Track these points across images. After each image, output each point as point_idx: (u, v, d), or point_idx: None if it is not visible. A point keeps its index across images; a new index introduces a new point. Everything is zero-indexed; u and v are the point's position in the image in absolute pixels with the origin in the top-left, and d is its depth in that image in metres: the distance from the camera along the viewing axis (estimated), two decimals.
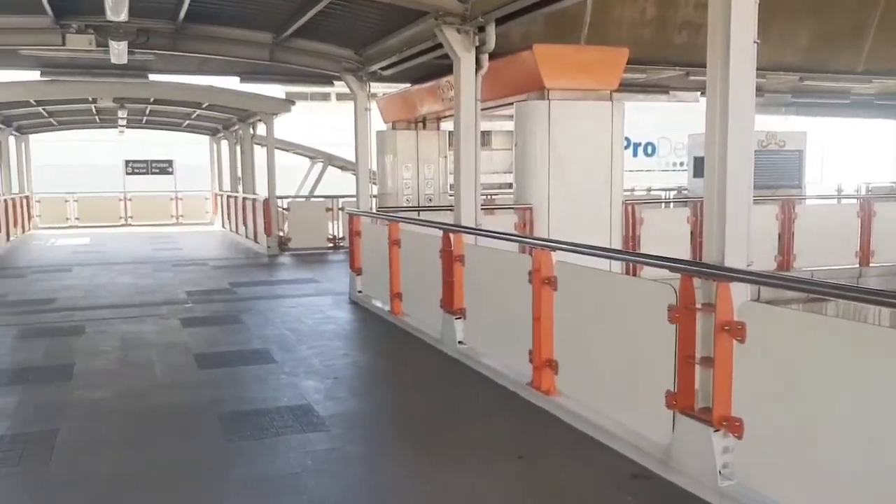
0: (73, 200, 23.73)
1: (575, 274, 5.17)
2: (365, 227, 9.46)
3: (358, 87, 9.61)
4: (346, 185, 27.03)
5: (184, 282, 11.45)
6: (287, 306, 9.37)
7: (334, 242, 16.09)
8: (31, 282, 11.60)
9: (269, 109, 15.33)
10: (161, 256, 15.01)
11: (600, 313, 4.92)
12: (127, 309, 9.24)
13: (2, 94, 14.01)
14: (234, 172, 20.54)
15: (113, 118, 19.67)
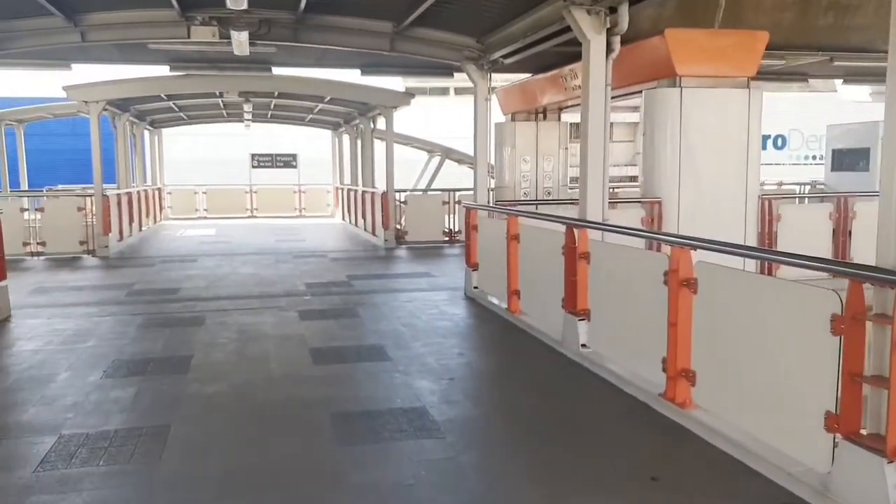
0: (202, 192, 24.69)
1: (718, 275, 4.64)
2: (482, 222, 9.13)
3: (479, 77, 9.28)
4: (463, 178, 26.88)
5: (303, 273, 11.51)
6: (402, 301, 9.18)
7: (450, 236, 15.88)
8: (158, 271, 11.99)
9: (389, 103, 15.28)
10: (283, 248, 15.27)
11: (747, 320, 4.37)
12: (247, 300, 9.31)
13: (133, 88, 14.60)
14: (354, 166, 20.74)
15: (239, 112, 20.30)
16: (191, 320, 8.11)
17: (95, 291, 9.99)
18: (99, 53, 11.80)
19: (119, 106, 16.61)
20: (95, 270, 12.26)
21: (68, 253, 13.91)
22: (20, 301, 9.18)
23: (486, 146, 9.56)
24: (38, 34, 8.39)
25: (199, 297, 9.47)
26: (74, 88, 14.07)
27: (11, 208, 14.32)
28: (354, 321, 8.06)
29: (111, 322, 8.07)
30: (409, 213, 15.79)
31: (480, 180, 9.52)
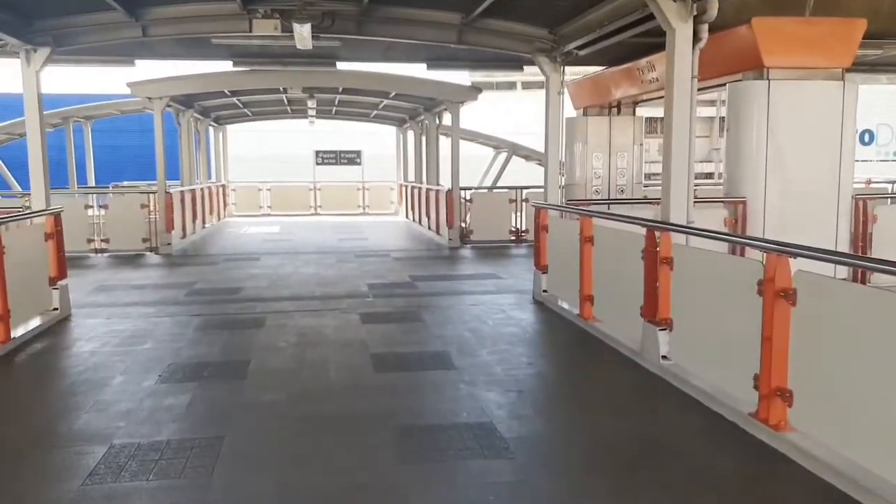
0: (266, 189, 24.77)
1: (823, 287, 4.10)
2: (553, 222, 8.67)
3: (551, 70, 8.81)
4: (531, 175, 26.39)
5: (366, 273, 11.24)
6: (467, 304, 8.79)
7: (517, 235, 15.42)
8: (220, 270, 11.88)
9: (455, 97, 14.88)
10: (346, 246, 15.06)
11: (856, 337, 3.83)
12: (308, 301, 9.06)
13: (196, 84, 14.58)
14: (418, 163, 20.45)
15: (303, 108, 20.22)
16: (250, 322, 7.88)
17: (156, 290, 9.90)
18: (162, 49, 11.75)
19: (183, 102, 16.67)
20: (157, 268, 12.24)
21: (131, 250, 13.96)
22: (81, 299, 9.13)
23: (558, 142, 9.09)
24: (100, 29, 8.28)
25: (259, 298, 9.27)
26: (138, 85, 14.12)
27: (76, 205, 14.49)
28: (417, 325, 7.70)
29: (169, 323, 7.90)
30: (474, 211, 15.37)
31: (551, 178, 9.05)
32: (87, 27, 8.19)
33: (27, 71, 8.00)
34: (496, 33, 8.90)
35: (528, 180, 23.61)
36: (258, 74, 14.23)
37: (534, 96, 48.36)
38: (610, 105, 14.58)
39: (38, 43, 8.00)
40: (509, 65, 13.29)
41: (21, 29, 7.93)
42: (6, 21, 7.71)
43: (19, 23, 7.91)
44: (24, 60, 7.98)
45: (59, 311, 8.11)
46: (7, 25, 7.74)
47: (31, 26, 8.01)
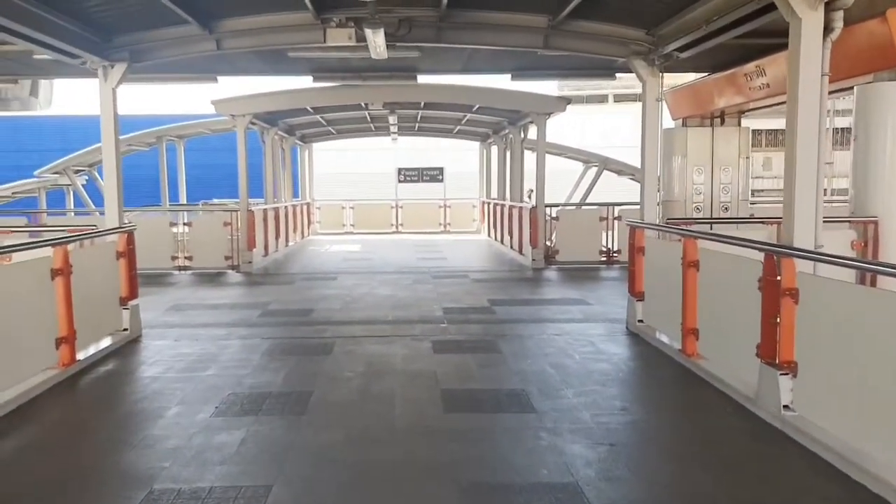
0: (350, 207, 24.63)
1: None
2: (650, 243, 7.85)
3: (648, 74, 8.01)
4: (623, 191, 25.37)
5: (442, 296, 10.63)
6: (551, 333, 8.04)
7: (608, 256, 14.53)
8: (296, 290, 11.51)
9: (542, 109, 14.16)
10: (424, 266, 14.53)
11: None
12: (380, 326, 8.51)
13: (278, 101, 14.37)
14: (501, 179, 19.80)
15: (386, 125, 19.93)
16: (318, 348, 7.37)
17: (229, 311, 9.55)
18: (242, 64, 11.56)
19: (267, 120, 16.57)
20: (235, 287, 11.98)
21: (213, 268, 13.83)
22: (155, 319, 8.87)
23: (655, 154, 8.27)
24: (175, 43, 8.03)
25: (331, 321, 8.79)
26: (221, 102, 14.03)
27: (160, 223, 14.49)
28: (495, 357, 7.01)
29: (237, 347, 7.48)
30: (560, 229, 14.59)
31: (649, 195, 8.23)
32: (163, 41, 7.96)
33: (104, 87, 7.82)
34: (586, 36, 8.16)
35: (620, 196, 22.66)
36: (338, 90, 13.93)
37: (627, 109, 47.09)
38: (712, 115, 13.62)
39: (115, 59, 7.82)
40: (600, 73, 12.53)
41: (100, 45, 7.76)
42: (86, 38, 7.54)
43: (98, 39, 7.73)
44: (101, 77, 7.81)
45: (129, 332, 7.82)
46: (86, 42, 7.58)
47: (110, 42, 7.83)
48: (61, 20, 6.97)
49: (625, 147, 25.64)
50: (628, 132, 39.74)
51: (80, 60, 7.68)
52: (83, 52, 7.46)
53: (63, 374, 6.33)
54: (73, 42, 7.23)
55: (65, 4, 6.81)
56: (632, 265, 8.16)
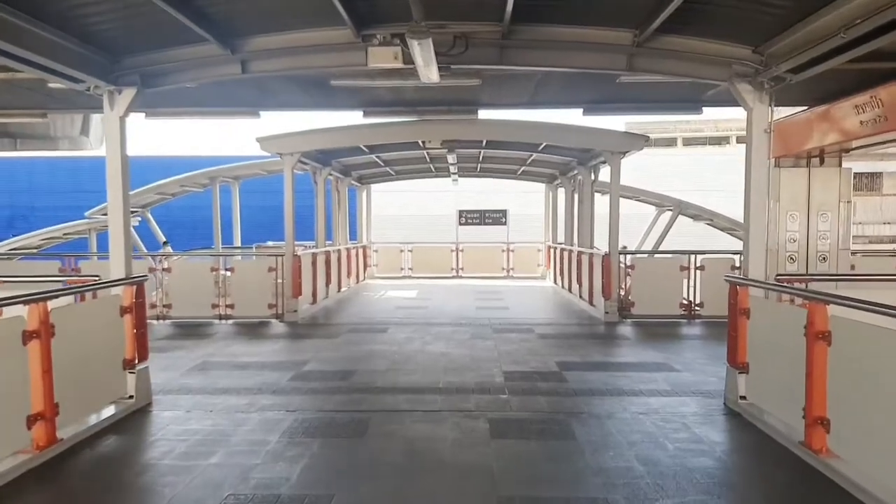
0: (408, 250, 23.55)
1: None
2: (757, 304, 6.38)
3: (755, 100, 6.60)
4: (695, 238, 23.63)
5: (503, 355, 9.28)
6: (635, 411, 6.59)
7: (689, 310, 12.95)
8: (340, 344, 10.30)
9: (616, 147, 12.77)
10: (484, 317, 13.20)
11: None
12: (428, 396, 7.19)
13: (327, 139, 13.36)
14: (569, 223, 18.41)
15: (446, 166, 18.84)
16: (351, 427, 6.10)
17: (258, 372, 8.39)
18: (285, 98, 10.60)
19: (318, 160, 15.63)
20: (273, 341, 10.85)
21: (256, 317, 12.83)
22: (172, 382, 7.79)
23: (764, 197, 6.80)
24: (192, 66, 7.00)
25: (371, 388, 7.52)
26: (267, 140, 13.12)
27: (201, 268, 13.59)
28: (568, 447, 5.61)
29: (255, 423, 6.27)
30: (636, 279, 13.08)
31: (755, 245, 6.76)
32: (178, 63, 6.93)
33: (110, 116, 6.82)
34: (678, 55, 6.81)
35: (691, 244, 20.96)
36: (392, 127, 12.89)
37: (697, 153, 45.22)
38: (809, 154, 12.05)
39: (123, 83, 6.82)
40: (685, 106, 11.14)
41: (105, 67, 6.78)
42: (87, 58, 6.58)
43: (104, 60, 6.77)
44: (106, 104, 6.81)
45: (135, 400, 6.72)
46: (89, 64, 6.61)
47: (118, 64, 6.85)
48: (57, 37, 6.01)
49: (695, 191, 24.04)
50: (698, 176, 38.02)
51: (83, 85, 6.72)
52: (84, 74, 6.49)
53: (38, 458, 5.23)
54: (72, 63, 6.26)
55: (60, 19, 5.85)
56: (732, 329, 6.70)
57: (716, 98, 10.92)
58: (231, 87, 9.91)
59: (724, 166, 39.50)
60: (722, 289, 13.38)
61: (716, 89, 10.47)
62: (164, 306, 13.07)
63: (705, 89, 10.49)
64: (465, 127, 12.83)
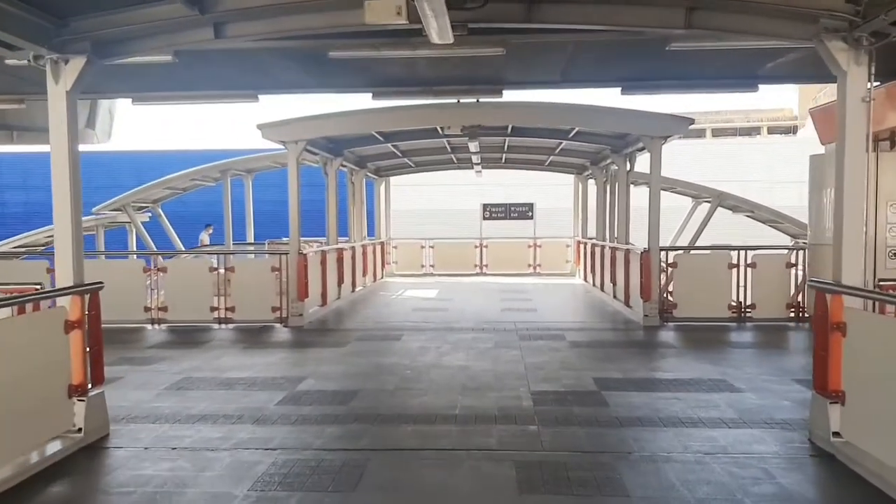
0: (430, 246, 22.30)
1: None
2: (855, 318, 5.03)
3: (850, 61, 5.24)
4: (732, 232, 22.07)
5: (531, 370, 8.01)
6: (697, 449, 5.27)
7: (739, 312, 11.57)
8: (346, 355, 9.08)
9: (658, 131, 11.36)
10: (509, 320, 11.92)
11: None
12: (441, 426, 5.93)
13: (334, 124, 12.06)
14: (601, 216, 17.04)
15: (468, 156, 17.55)
16: (342, 474, 4.85)
17: (245, 392, 7.17)
18: (285, 78, 9.44)
19: (329, 149, 14.41)
20: (272, 350, 9.66)
21: (258, 321, 11.68)
22: (141, 405, 6.63)
23: (861, 179, 5.43)
24: (155, 31, 5.77)
25: (375, 415, 6.27)
26: (270, 127, 11.91)
27: (198, 267, 12.49)
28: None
29: (224, 466, 5.06)
30: (679, 278, 11.72)
31: (851, 243, 5.39)
32: (138, 27, 5.72)
33: (54, 91, 5.62)
34: (750, 7, 5.47)
35: (729, 238, 19.42)
36: (405, 112, 11.63)
37: (727, 145, 43.35)
38: (877, 137, 10.61)
39: (70, 51, 5.62)
40: (737, 83, 9.81)
41: (48, 32, 5.59)
42: (29, 22, 5.41)
43: (48, 24, 5.58)
44: (50, 77, 5.61)
45: (84, 434, 5.53)
46: (30, 28, 5.44)
47: (65, 27, 5.66)
48: None
49: (724, 181, 22.55)
50: (729, 169, 36.27)
51: (22, 54, 5.55)
52: (21, 40, 5.32)
53: None
54: (4, 25, 5.08)
55: None
56: (820, 348, 5.34)
57: (774, 73, 9.57)
58: (224, 68, 8.84)
59: (760, 157, 37.81)
60: (776, 289, 12.17)
61: (775, 62, 9.10)
62: (159, 309, 11.96)
63: (762, 63, 9.14)
64: (487, 111, 11.55)
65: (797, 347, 9.93)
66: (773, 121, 65.18)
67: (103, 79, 9.63)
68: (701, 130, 58.51)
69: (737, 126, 63.96)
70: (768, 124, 64.62)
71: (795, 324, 11.43)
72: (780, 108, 67.93)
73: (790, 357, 9.27)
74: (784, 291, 11.75)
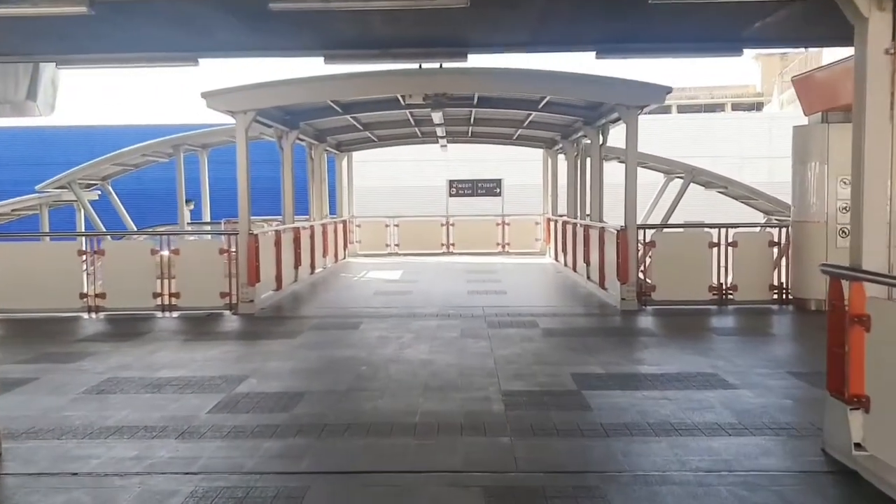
0: (394, 225, 21.38)
1: None
2: (880, 310, 4.26)
3: (870, 6, 4.44)
4: (703, 209, 21.39)
5: (502, 364, 7.21)
6: (696, 465, 4.49)
7: (720, 294, 10.89)
8: (296, 349, 8.18)
9: (635, 100, 10.54)
10: (476, 304, 11.11)
11: None
12: (398, 439, 5.09)
13: (286, 93, 11.02)
14: (572, 192, 16.26)
15: (433, 129, 16.62)
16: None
17: (176, 395, 6.27)
18: (224, 37, 8.41)
19: (284, 121, 13.39)
20: (216, 343, 8.72)
21: (206, 308, 10.75)
22: (50, 414, 5.70)
23: (886, 154, 4.65)
24: None
25: (321, 424, 5.39)
26: (215, 96, 10.85)
27: (139, 249, 11.48)
28: None
29: (132, 497, 4.16)
30: (658, 258, 11.00)
31: (873, 221, 4.63)
32: None
33: None
34: None
35: (700, 215, 18.79)
36: (363, 79, 10.66)
37: (692, 121, 42.70)
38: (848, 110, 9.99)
39: None
40: (720, 46, 9.00)
41: None
42: None
43: None
44: None
45: None
46: None
47: None
48: None
49: (696, 158, 21.85)
50: (694, 144, 35.65)
51: None
52: None
53: None
54: None
55: None
56: (835, 344, 4.59)
57: (761, 35, 8.77)
58: (156, 26, 7.83)
59: (729, 133, 37.26)
60: (758, 269, 11.50)
61: (763, 21, 8.32)
62: (96, 296, 10.94)
63: (748, 22, 8.33)
64: (451, 78, 10.64)
65: (784, 334, 9.29)
66: (736, 97, 65.27)
67: (23, 38, 8.60)
68: (667, 107, 58.12)
69: (702, 103, 63.78)
70: (732, 100, 64.61)
71: (779, 306, 10.79)
72: (744, 85, 68.18)
73: (779, 345, 8.60)
74: (766, 272, 11.10)
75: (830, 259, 10.27)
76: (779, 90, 52.21)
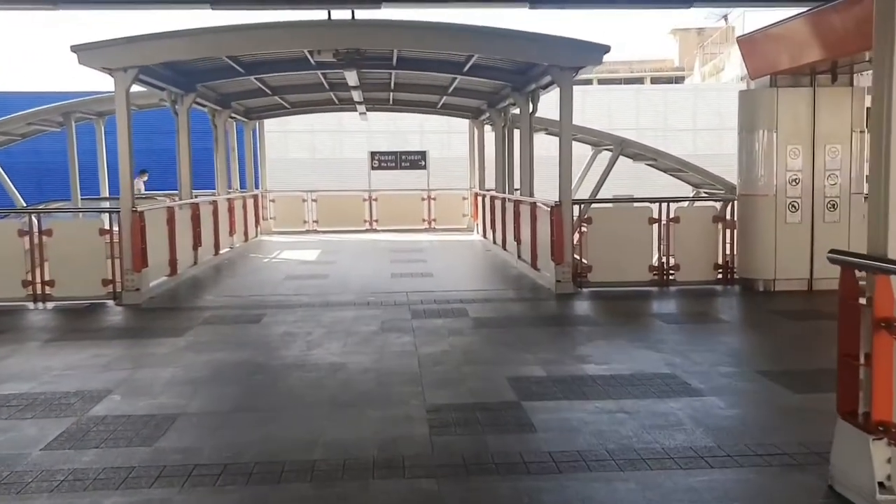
0: (312, 200, 19.93)
1: None
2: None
3: None
4: (633, 183, 20.59)
5: (426, 365, 6.09)
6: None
7: (660, 275, 10.03)
8: (181, 350, 6.82)
9: (569, 61, 9.42)
10: (400, 289, 9.97)
11: None
12: (292, 485, 3.88)
13: (170, 47, 9.41)
14: (500, 165, 15.20)
15: (350, 96, 15.24)
16: None
17: (10, 423, 4.88)
18: None
19: (177, 83, 11.78)
20: (83, 344, 7.25)
21: (85, 298, 9.28)
22: None
23: None
24: None
25: (189, 465, 4.13)
26: (88, 50, 9.22)
27: (5, 231, 9.85)
28: None
29: None
30: (593, 236, 10.05)
31: None
32: None
33: None
34: None
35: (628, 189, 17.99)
36: (262, 31, 9.20)
37: (615, 91, 42.28)
38: (814, 71, 9.27)
39: None
40: None
41: None
42: None
43: None
44: None
45: None
46: None
47: None
48: None
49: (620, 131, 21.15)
50: (625, 115, 35.20)
51: None
52: None
53: None
54: None
55: None
56: (848, 355, 3.61)
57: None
58: None
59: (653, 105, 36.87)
60: (702, 247, 10.69)
61: None
62: None
63: None
64: (365, 31, 9.33)
65: (737, 320, 8.46)
66: (656, 71, 65.82)
67: None
68: (587, 80, 57.88)
69: (622, 76, 63.94)
70: (651, 74, 65.04)
71: (723, 287, 10.00)
72: (663, 59, 69.04)
73: (736, 335, 7.71)
74: (711, 250, 10.29)
75: (779, 236, 9.55)
76: (700, 63, 52.43)
